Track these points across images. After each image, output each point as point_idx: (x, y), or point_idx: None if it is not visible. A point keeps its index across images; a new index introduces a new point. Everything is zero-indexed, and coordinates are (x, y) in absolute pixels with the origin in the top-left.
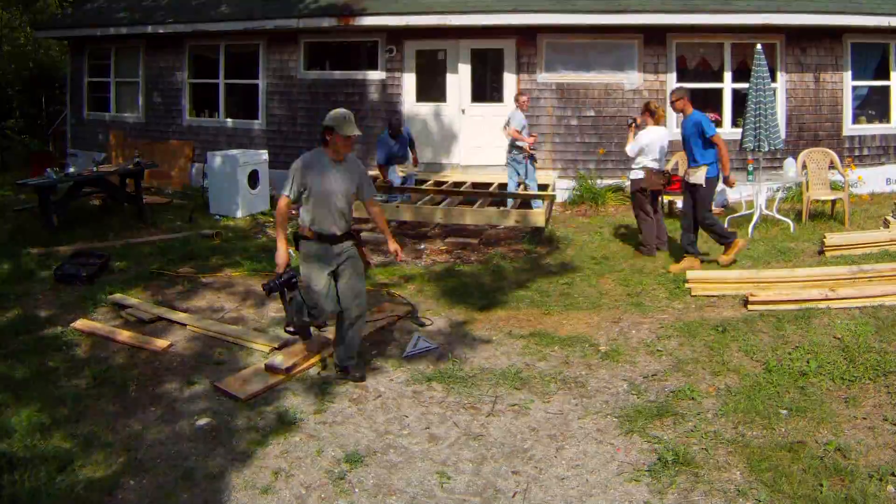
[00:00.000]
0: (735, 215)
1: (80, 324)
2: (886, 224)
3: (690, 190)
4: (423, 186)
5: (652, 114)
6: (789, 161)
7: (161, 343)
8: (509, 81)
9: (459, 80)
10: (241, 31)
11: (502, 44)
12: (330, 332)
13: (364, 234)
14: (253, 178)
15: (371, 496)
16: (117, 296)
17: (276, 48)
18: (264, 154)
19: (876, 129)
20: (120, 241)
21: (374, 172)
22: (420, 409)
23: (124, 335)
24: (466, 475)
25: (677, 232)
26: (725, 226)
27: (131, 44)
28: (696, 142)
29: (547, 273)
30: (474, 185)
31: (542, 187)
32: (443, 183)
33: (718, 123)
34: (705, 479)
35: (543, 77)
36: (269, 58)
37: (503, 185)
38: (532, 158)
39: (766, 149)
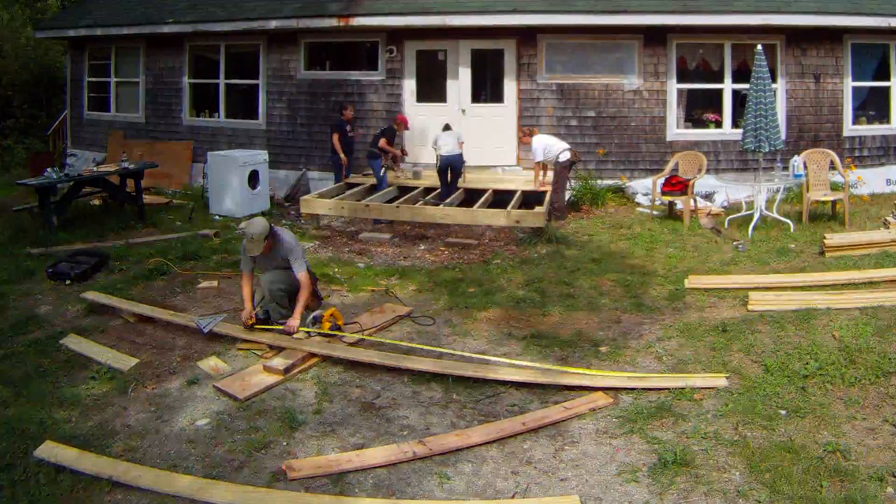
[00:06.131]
0: (735, 216)
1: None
2: (886, 225)
3: None
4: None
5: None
6: (778, 164)
7: None
8: (509, 82)
9: (459, 81)
10: (241, 32)
11: (502, 44)
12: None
13: (364, 235)
14: (253, 179)
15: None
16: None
17: (276, 48)
18: (264, 154)
19: (876, 129)
20: (120, 241)
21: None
22: (420, 409)
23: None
24: (466, 475)
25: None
26: (726, 226)
27: (131, 44)
28: None
29: (547, 273)
30: (466, 190)
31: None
32: (433, 190)
33: (718, 124)
34: (705, 479)
35: (543, 78)
36: (269, 58)
37: (499, 192)
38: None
39: (767, 149)
